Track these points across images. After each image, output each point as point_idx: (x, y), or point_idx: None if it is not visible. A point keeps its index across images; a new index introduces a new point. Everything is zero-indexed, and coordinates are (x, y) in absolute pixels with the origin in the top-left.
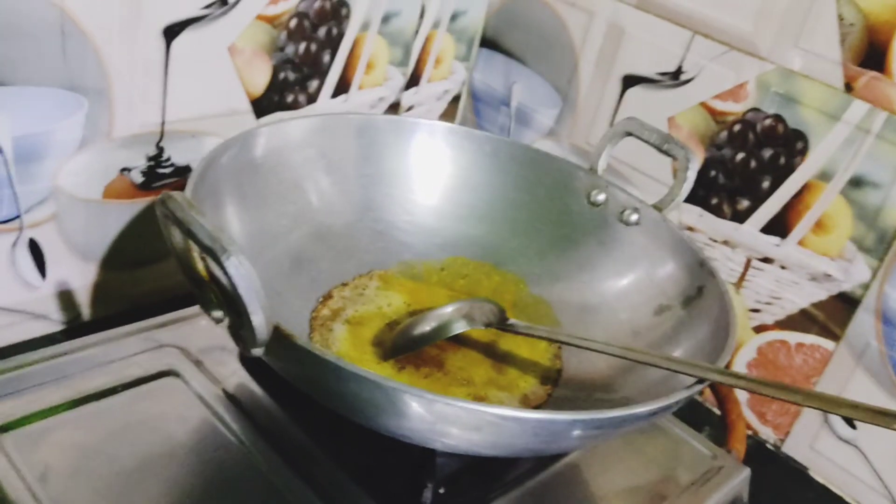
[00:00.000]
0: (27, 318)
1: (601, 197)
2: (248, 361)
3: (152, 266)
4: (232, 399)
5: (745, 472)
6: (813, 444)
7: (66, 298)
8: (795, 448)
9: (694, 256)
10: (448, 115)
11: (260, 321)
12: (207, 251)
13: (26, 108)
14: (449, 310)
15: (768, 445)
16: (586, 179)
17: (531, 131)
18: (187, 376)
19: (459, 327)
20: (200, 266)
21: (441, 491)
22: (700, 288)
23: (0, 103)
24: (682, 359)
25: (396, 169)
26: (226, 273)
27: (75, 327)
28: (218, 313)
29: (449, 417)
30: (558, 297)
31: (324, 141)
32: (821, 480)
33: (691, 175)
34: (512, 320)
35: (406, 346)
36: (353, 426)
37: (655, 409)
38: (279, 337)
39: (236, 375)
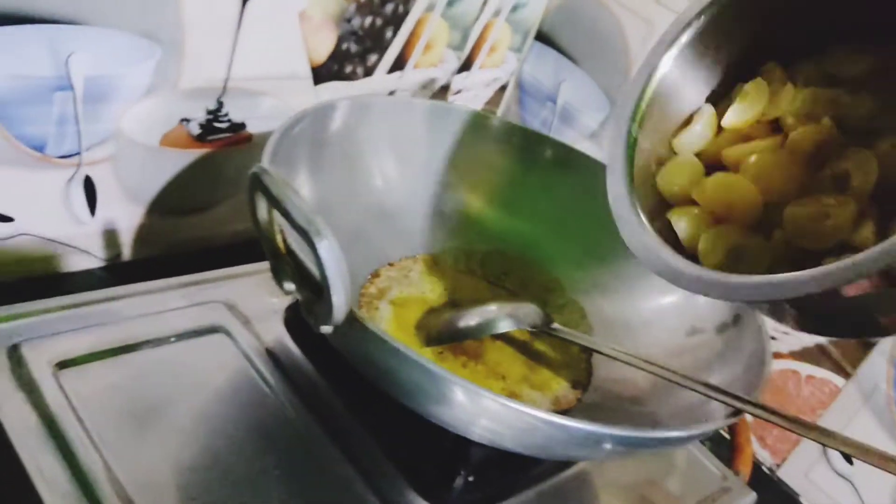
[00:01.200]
0: (71, 252)
1: None
2: (291, 326)
3: (195, 216)
4: (275, 360)
5: (751, 497)
6: (808, 473)
7: (110, 237)
8: (790, 474)
9: None
10: (493, 102)
11: (340, 304)
12: (300, 231)
13: (102, 50)
14: (495, 307)
15: (764, 468)
16: None
17: (573, 131)
18: (235, 333)
19: (504, 326)
20: (279, 239)
21: (471, 479)
22: (736, 317)
23: (79, 42)
24: (721, 387)
25: (457, 159)
26: (316, 255)
27: (115, 265)
28: (290, 285)
29: (497, 415)
30: (593, 304)
31: (394, 121)
32: None
33: None
34: (556, 325)
35: (450, 337)
36: (387, 401)
37: (694, 434)
38: (352, 320)
39: (280, 338)
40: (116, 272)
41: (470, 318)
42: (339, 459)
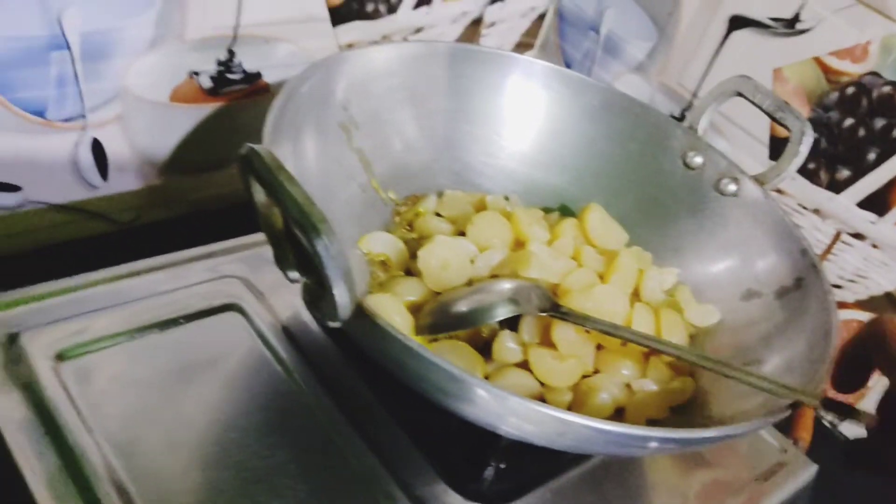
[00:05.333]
0: (85, 218)
1: (698, 160)
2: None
3: (214, 172)
4: (291, 338)
5: (813, 470)
6: None
7: (125, 200)
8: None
9: (795, 243)
10: (530, 34)
11: (344, 301)
12: (296, 224)
13: (97, 4)
14: (493, 289)
15: (824, 422)
16: (684, 139)
17: (618, 63)
18: (249, 311)
19: (503, 313)
20: (280, 223)
21: (502, 466)
22: (798, 280)
23: None
24: (767, 376)
25: (483, 106)
26: (315, 251)
27: (134, 229)
28: (294, 274)
29: (525, 416)
30: None
31: (410, 70)
32: None
33: (804, 150)
34: (565, 308)
35: (445, 327)
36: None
37: (746, 432)
38: (360, 314)
39: (297, 313)
40: (135, 235)
41: (462, 304)
42: (361, 449)
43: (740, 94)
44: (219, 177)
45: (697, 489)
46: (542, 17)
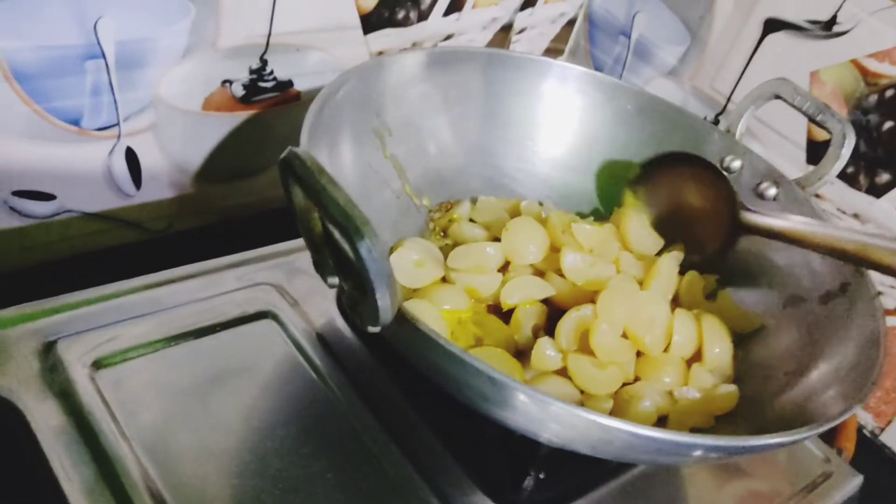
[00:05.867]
0: (119, 226)
1: (736, 164)
2: (344, 310)
3: (246, 180)
4: (326, 345)
5: (857, 481)
6: None
7: (158, 208)
8: (895, 439)
9: None
10: (560, 39)
11: (386, 305)
12: (338, 227)
13: (132, 12)
14: None
15: (865, 431)
16: (721, 143)
17: (649, 68)
18: (284, 318)
19: None
20: (319, 227)
21: (542, 476)
22: (844, 285)
23: (105, 5)
24: (831, 375)
25: (517, 111)
26: (357, 255)
27: (167, 237)
28: (333, 279)
29: (574, 426)
30: None
31: (444, 76)
32: None
33: (845, 153)
34: None
35: None
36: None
37: (799, 438)
38: (402, 319)
39: (331, 320)
40: (168, 244)
41: None
42: (397, 457)
43: (779, 97)
44: (251, 185)
45: (738, 501)
46: (571, 22)
